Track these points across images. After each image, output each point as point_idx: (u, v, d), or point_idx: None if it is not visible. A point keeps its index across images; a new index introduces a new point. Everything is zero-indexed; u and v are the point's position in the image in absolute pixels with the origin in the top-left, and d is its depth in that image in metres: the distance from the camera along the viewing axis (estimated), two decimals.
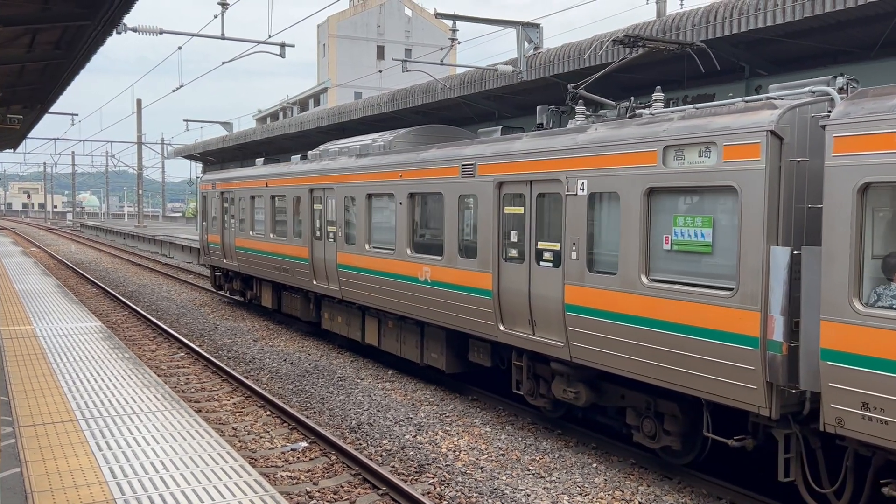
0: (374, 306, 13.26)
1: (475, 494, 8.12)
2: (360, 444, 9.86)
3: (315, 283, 15.43)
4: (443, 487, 8.32)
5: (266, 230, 17.85)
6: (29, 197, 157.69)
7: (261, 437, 10.13)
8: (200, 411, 11.30)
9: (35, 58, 15.14)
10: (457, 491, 8.20)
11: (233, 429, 10.49)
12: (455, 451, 9.54)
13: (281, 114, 72.72)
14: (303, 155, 17.81)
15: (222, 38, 17.46)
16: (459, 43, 17.71)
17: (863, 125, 6.04)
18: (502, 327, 10.09)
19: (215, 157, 43.25)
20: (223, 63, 20.38)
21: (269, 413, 11.25)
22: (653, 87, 13.90)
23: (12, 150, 43.21)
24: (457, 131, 14.26)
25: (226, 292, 22.20)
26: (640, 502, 8.00)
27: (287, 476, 8.69)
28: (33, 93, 20.14)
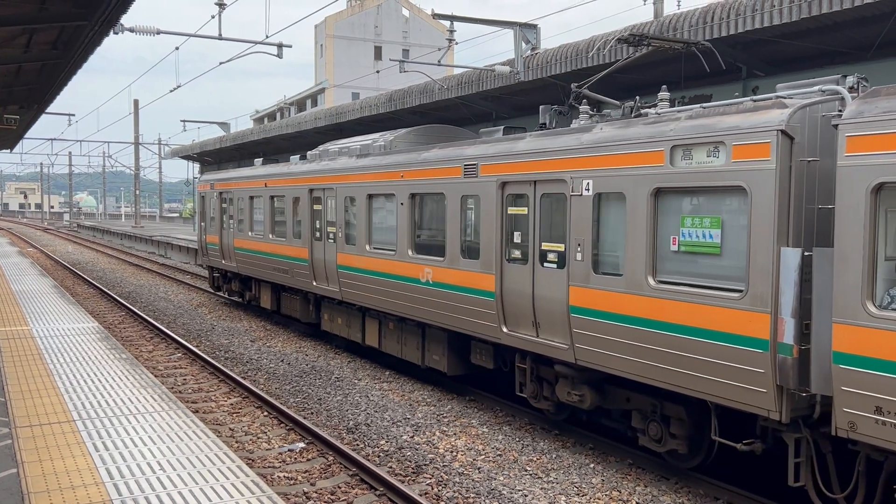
0: (374, 307, 13.18)
1: (472, 495, 8.11)
2: (358, 444, 9.85)
3: (315, 284, 15.37)
4: (440, 488, 8.31)
5: (265, 231, 17.80)
6: (26, 197, 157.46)
7: (258, 438, 10.12)
8: (198, 412, 11.28)
9: (32, 58, 15.11)
10: (454, 491, 8.20)
11: (230, 429, 10.48)
12: (452, 451, 9.53)
13: (278, 114, 72.70)
14: (302, 155, 17.77)
15: (220, 38, 17.44)
16: (457, 43, 17.71)
17: (877, 124, 5.92)
18: (505, 329, 10.01)
19: (212, 157, 43.20)
20: (220, 63, 20.37)
21: (266, 413, 11.23)
22: (650, 88, 13.95)
23: (9, 150, 43.16)
24: (458, 131, 14.18)
25: (224, 293, 22.16)
26: (637, 503, 8.00)
27: (284, 476, 8.68)
28: (30, 93, 20.11)
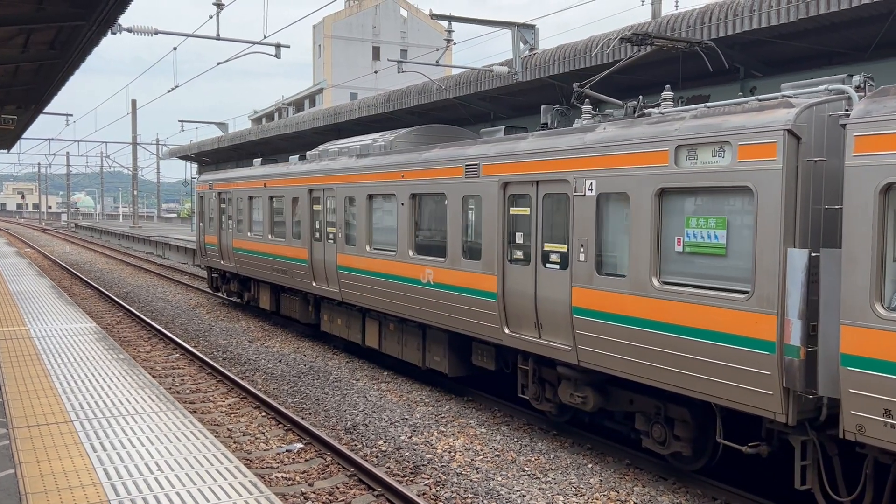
0: (374, 308, 13.12)
1: (470, 495, 8.11)
2: (356, 445, 9.85)
3: (314, 284, 15.32)
4: (438, 488, 8.31)
5: (264, 231, 17.75)
6: (23, 197, 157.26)
7: (256, 439, 10.11)
8: (195, 412, 11.28)
9: (29, 58, 15.09)
10: (452, 492, 8.20)
11: (228, 430, 10.47)
12: (450, 451, 9.53)
13: (276, 114, 72.67)
14: (301, 155, 17.74)
15: (217, 38, 17.43)
16: (455, 44, 17.72)
17: (885, 124, 5.84)
18: (507, 330, 9.95)
19: (210, 157, 43.17)
20: (218, 63, 20.35)
21: (264, 414, 11.23)
22: (647, 88, 13.96)
23: (7, 150, 43.09)
24: (458, 131, 14.12)
25: (223, 294, 22.14)
26: (635, 503, 8.00)
27: (282, 477, 8.68)
28: (28, 93, 20.08)
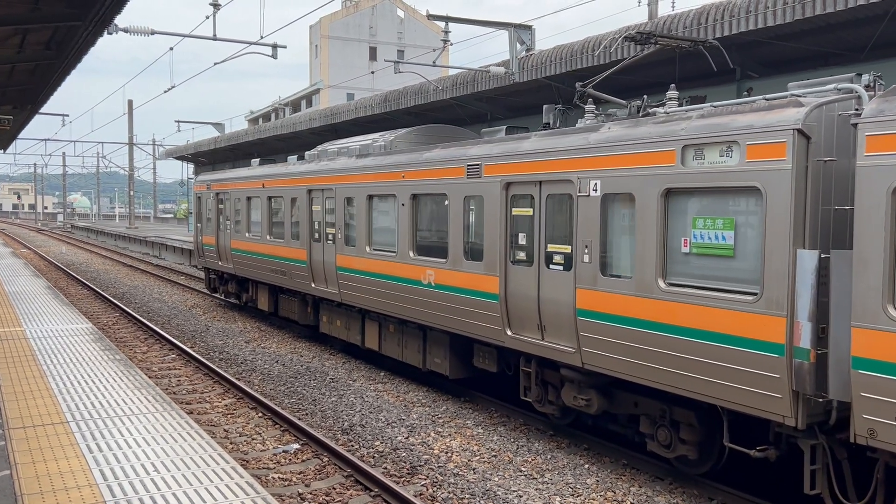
0: (374, 310, 13.04)
1: (467, 496, 8.11)
2: (353, 445, 9.84)
3: (313, 285, 15.25)
4: (435, 489, 8.31)
5: (263, 232, 17.69)
6: (19, 198, 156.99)
7: (252, 439, 10.10)
8: (192, 413, 11.26)
9: (25, 58, 15.07)
10: (449, 492, 8.20)
11: (224, 430, 10.46)
12: (447, 452, 9.53)
13: (273, 115, 72.65)
14: (300, 155, 17.69)
15: (214, 38, 17.42)
16: (452, 44, 17.73)
17: None
18: (510, 332, 9.87)
19: (207, 157, 43.13)
20: (215, 64, 20.32)
21: (260, 415, 11.22)
22: (644, 89, 13.97)
23: (2, 150, 43.00)
24: (459, 131, 14.05)
25: (221, 295, 22.09)
26: (631, 503, 8.01)
27: (279, 478, 8.67)
28: (23, 93, 20.04)
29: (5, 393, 8.60)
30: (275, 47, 18.18)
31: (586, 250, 8.57)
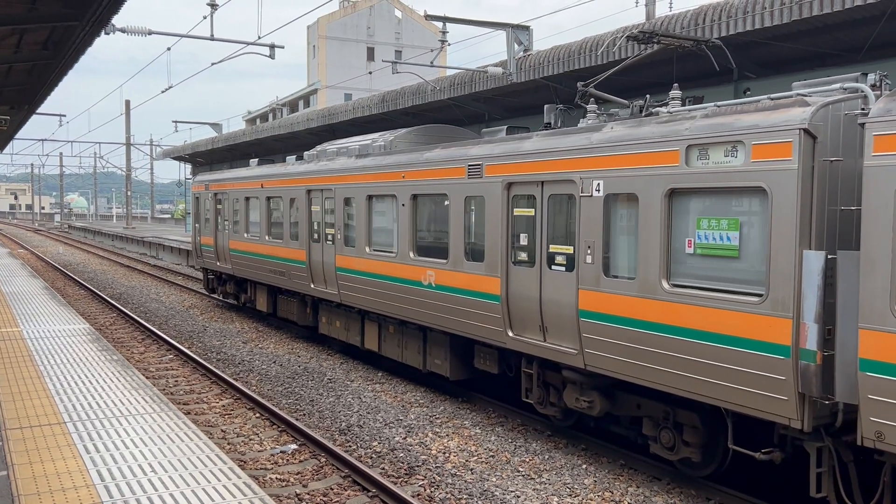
0: (374, 311, 12.98)
1: (465, 496, 8.11)
2: (350, 446, 9.84)
3: (313, 286, 15.18)
4: (433, 489, 8.31)
5: (261, 232, 17.63)
6: (16, 198, 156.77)
7: (250, 440, 10.09)
8: (189, 413, 11.25)
9: (22, 58, 15.05)
10: (447, 493, 8.20)
11: (222, 431, 10.45)
12: (445, 452, 9.53)
13: (271, 115, 72.62)
14: (298, 156, 17.64)
15: (211, 39, 17.39)
16: (449, 45, 17.72)
17: None
18: (511, 333, 9.80)
19: (204, 158, 43.09)
20: (212, 64, 20.31)
21: (258, 415, 11.21)
22: (641, 90, 13.97)
23: None
24: (459, 131, 14.00)
25: (219, 296, 22.05)
26: (629, 503, 8.01)
27: (276, 478, 8.66)
28: (20, 93, 20.01)
29: (2, 393, 8.58)
30: (272, 47, 18.17)
31: (589, 251, 8.51)
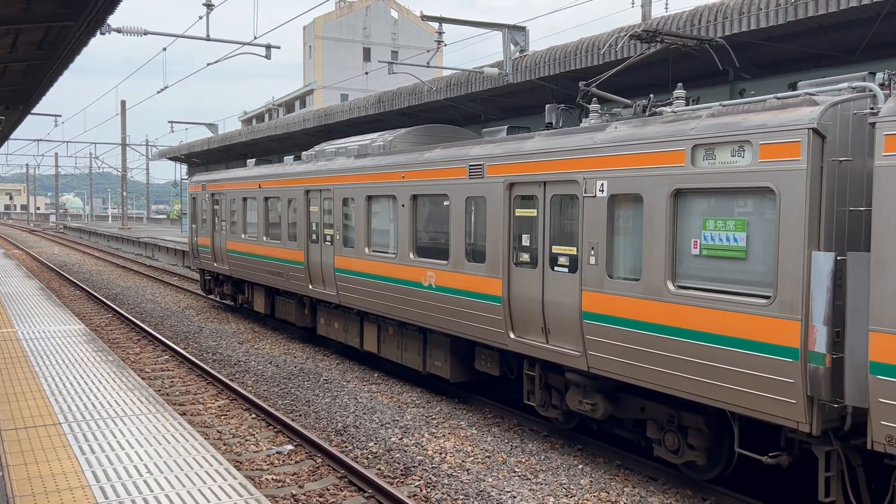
0: (373, 312, 12.88)
1: (461, 496, 8.11)
2: (346, 446, 9.83)
3: (311, 287, 15.08)
4: (429, 490, 8.31)
5: (259, 233, 17.54)
6: (11, 198, 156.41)
7: (246, 440, 10.08)
8: (185, 414, 11.23)
9: (17, 58, 15.01)
10: (443, 493, 8.19)
11: (218, 432, 10.43)
12: (441, 453, 9.53)
13: (267, 115, 72.55)
14: (296, 156, 17.58)
15: (207, 39, 17.38)
16: (445, 45, 17.72)
17: None
18: (513, 335, 9.71)
19: (200, 158, 43.05)
20: (208, 64, 20.30)
21: (254, 416, 11.19)
22: (637, 90, 13.98)
23: None
24: (459, 131, 13.93)
25: (216, 297, 21.97)
26: (625, 503, 8.02)
27: (272, 479, 8.65)
28: (15, 94, 19.97)
29: None
30: (268, 48, 18.17)
31: (592, 252, 8.42)
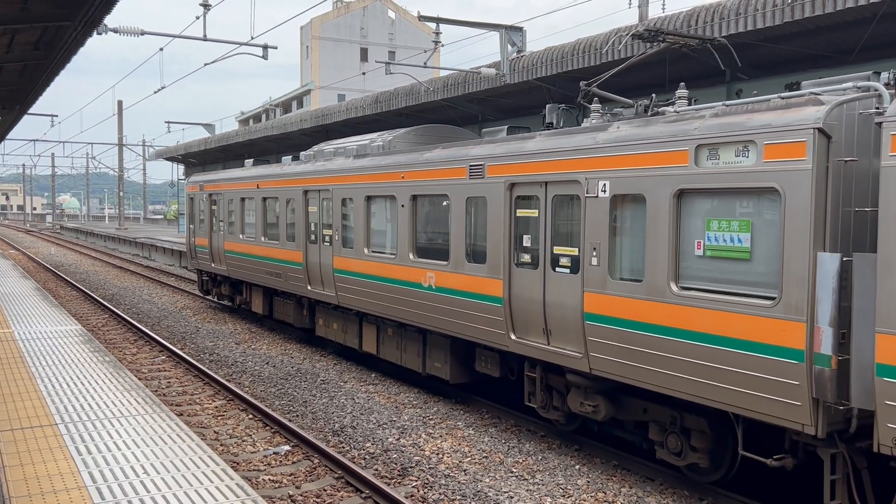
0: (373, 313, 12.82)
1: (458, 497, 8.11)
2: (344, 447, 9.82)
3: (309, 288, 15.02)
4: (426, 490, 8.30)
5: (257, 233, 17.49)
6: (8, 199, 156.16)
7: (243, 441, 10.06)
8: (182, 415, 11.21)
9: (14, 58, 14.99)
10: (440, 493, 8.19)
11: (214, 432, 10.42)
12: (438, 453, 9.53)
13: (264, 115, 72.54)
14: (294, 156, 17.54)
15: (204, 39, 17.38)
16: (443, 45, 17.74)
17: None
18: (514, 336, 9.65)
19: (197, 158, 43.01)
20: (205, 65, 20.28)
21: (251, 416, 11.18)
22: (635, 91, 13.99)
23: None
24: (458, 131, 13.89)
25: (214, 297, 21.90)
26: (622, 503, 8.03)
27: (269, 480, 8.64)
28: (12, 94, 19.94)
29: None
30: (265, 48, 18.16)
31: (594, 253, 8.37)
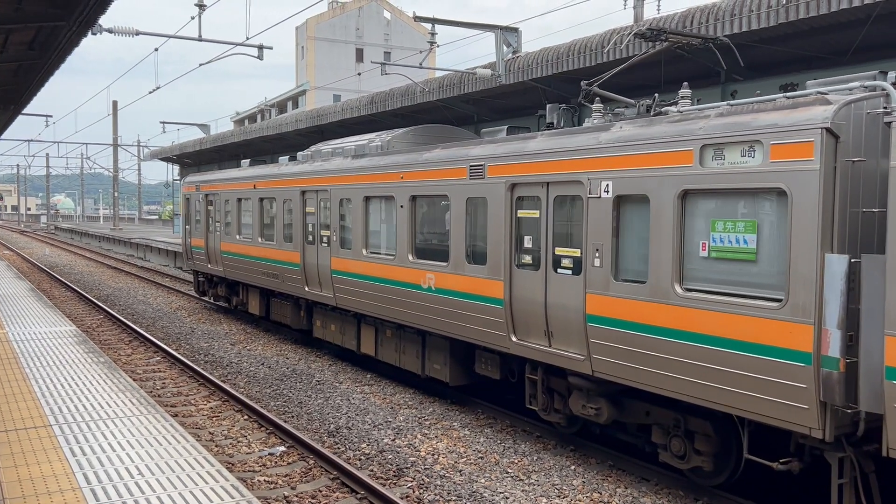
0: (371, 314, 12.74)
1: (454, 497, 8.11)
2: (339, 448, 9.82)
3: (307, 289, 14.93)
4: (421, 491, 8.30)
5: (254, 234, 17.41)
6: (2, 199, 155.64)
7: (238, 442, 10.05)
8: (177, 416, 11.19)
9: (8, 58, 14.95)
10: (435, 494, 8.19)
11: (209, 433, 10.40)
12: (434, 454, 9.53)
13: (259, 116, 72.48)
14: (291, 156, 17.50)
15: (199, 39, 17.35)
16: (438, 46, 17.76)
17: None
18: (514, 338, 9.56)
19: (192, 159, 42.94)
20: (200, 65, 20.25)
21: (246, 417, 11.17)
22: (632, 91, 14.01)
23: None
24: (457, 131, 13.84)
25: (210, 298, 21.85)
26: None
27: (265, 480, 8.63)
28: (6, 94, 19.89)
29: None
30: (261, 48, 18.15)
31: (597, 254, 8.29)
